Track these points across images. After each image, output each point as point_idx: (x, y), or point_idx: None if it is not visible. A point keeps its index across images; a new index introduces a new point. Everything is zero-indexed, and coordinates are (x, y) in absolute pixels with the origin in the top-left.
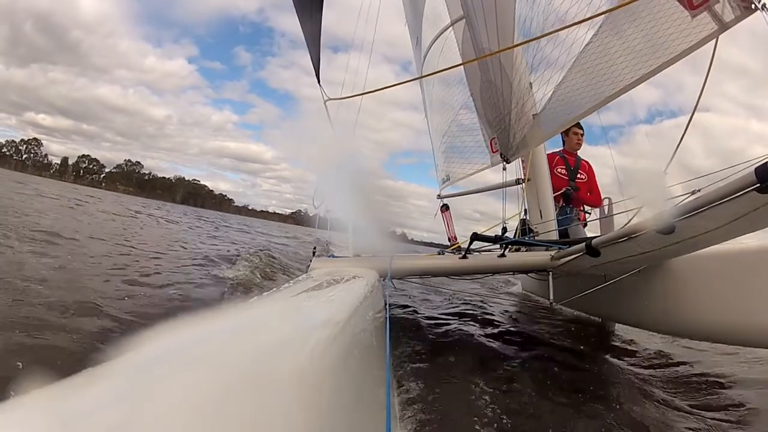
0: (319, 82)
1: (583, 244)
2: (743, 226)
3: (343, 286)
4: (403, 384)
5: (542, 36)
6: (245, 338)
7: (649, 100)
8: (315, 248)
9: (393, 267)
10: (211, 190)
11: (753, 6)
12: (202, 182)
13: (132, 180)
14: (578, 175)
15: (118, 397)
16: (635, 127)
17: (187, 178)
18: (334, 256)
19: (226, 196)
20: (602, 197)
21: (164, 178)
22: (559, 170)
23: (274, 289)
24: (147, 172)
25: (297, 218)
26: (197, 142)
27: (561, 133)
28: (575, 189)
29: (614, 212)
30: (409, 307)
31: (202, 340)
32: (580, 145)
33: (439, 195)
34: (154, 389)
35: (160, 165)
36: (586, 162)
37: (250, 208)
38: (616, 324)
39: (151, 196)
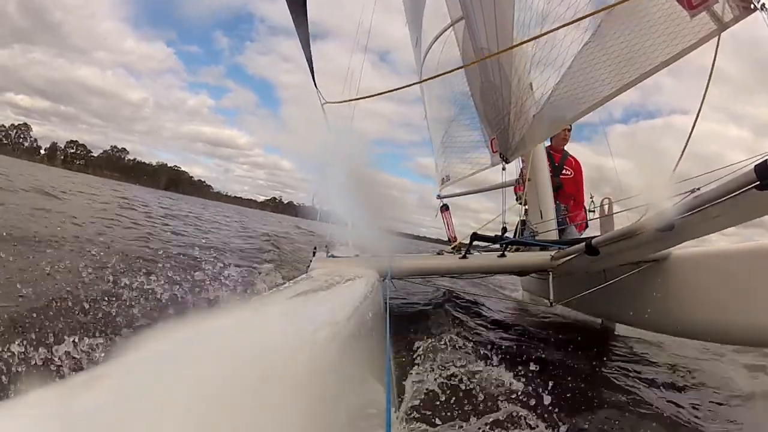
0: (315, 85)
1: (583, 243)
2: (741, 219)
3: (343, 286)
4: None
5: (541, 35)
6: (245, 338)
7: (626, 101)
8: (315, 248)
9: (393, 267)
10: (191, 176)
11: (752, 6)
12: (182, 168)
13: (118, 166)
14: (563, 171)
15: (118, 397)
16: (610, 126)
17: (168, 164)
18: (334, 256)
19: (204, 182)
20: (594, 196)
21: (147, 164)
22: None
23: (275, 289)
24: (132, 158)
25: (274, 206)
26: (172, 126)
27: None
28: (560, 185)
29: (614, 212)
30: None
31: (203, 340)
32: (566, 141)
33: (439, 195)
34: (154, 389)
35: (136, 148)
36: (573, 158)
37: (228, 194)
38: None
39: (137, 182)
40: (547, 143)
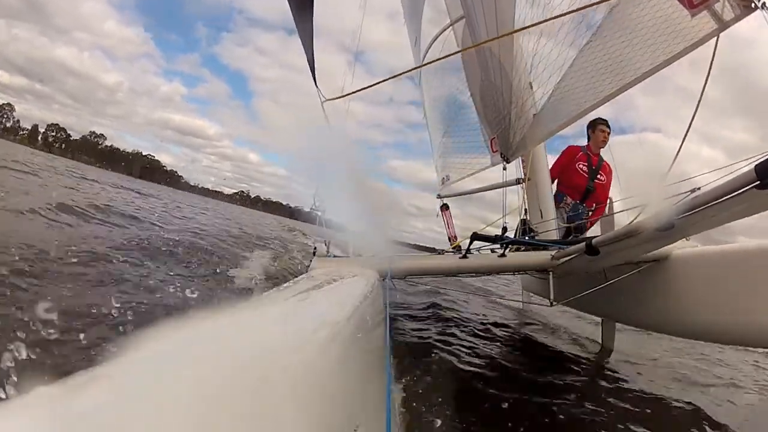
0: (315, 83)
1: (583, 243)
2: (740, 215)
3: (343, 286)
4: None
5: (541, 22)
6: (245, 338)
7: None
8: (315, 248)
9: (393, 267)
10: (164, 166)
11: (753, 5)
12: (155, 157)
13: (96, 152)
14: (598, 176)
15: (118, 397)
16: (581, 139)
17: (143, 153)
18: (334, 256)
19: (176, 172)
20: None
21: (123, 151)
22: (580, 166)
23: (275, 289)
24: (109, 144)
25: (242, 199)
26: (145, 112)
27: (587, 130)
28: (593, 189)
29: (614, 212)
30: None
31: (203, 340)
32: (605, 143)
33: (439, 195)
34: (154, 389)
35: (108, 133)
36: (608, 164)
37: (200, 186)
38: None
39: (113, 169)
40: (585, 143)
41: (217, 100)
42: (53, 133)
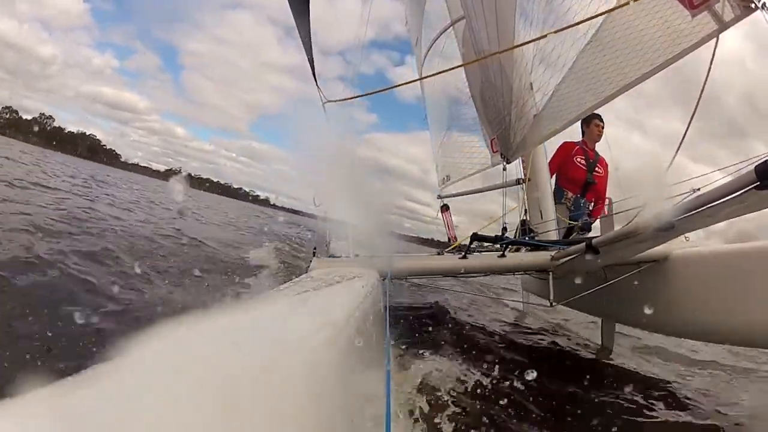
0: (317, 83)
1: (583, 243)
2: (739, 213)
3: (343, 286)
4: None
5: (540, 38)
6: (245, 339)
7: None
8: (315, 248)
9: (393, 267)
10: (103, 145)
11: (753, 5)
12: (96, 136)
13: (43, 134)
14: (596, 170)
15: (118, 397)
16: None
17: (87, 133)
18: (334, 256)
19: (114, 150)
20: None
21: (66, 131)
22: (578, 159)
23: (274, 289)
24: (57, 125)
25: (177, 176)
26: (75, 84)
27: (581, 125)
28: (593, 182)
29: (614, 212)
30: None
31: (203, 341)
32: (600, 136)
33: (439, 195)
34: (154, 389)
35: (40, 107)
36: (604, 158)
37: (127, 161)
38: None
39: (60, 150)
40: (580, 138)
41: (148, 73)
42: (6, 115)
